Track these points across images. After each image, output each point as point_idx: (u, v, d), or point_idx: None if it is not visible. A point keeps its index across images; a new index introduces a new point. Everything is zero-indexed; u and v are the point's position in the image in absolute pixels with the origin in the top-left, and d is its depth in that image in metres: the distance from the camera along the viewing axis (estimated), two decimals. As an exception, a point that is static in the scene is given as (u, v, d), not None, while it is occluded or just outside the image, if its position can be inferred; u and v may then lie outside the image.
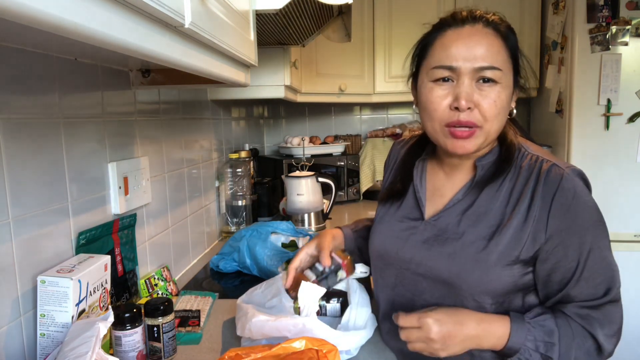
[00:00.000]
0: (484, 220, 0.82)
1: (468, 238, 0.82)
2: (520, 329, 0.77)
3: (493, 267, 0.79)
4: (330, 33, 1.59)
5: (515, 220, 0.79)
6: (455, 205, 0.86)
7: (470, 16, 0.80)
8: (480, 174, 0.85)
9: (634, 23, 2.05)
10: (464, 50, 0.77)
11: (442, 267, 0.83)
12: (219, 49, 0.79)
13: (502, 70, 0.77)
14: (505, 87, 0.79)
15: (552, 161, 0.81)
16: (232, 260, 1.47)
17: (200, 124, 1.70)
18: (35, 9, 0.35)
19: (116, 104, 1.10)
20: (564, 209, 0.76)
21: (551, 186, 0.77)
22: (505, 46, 0.79)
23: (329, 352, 0.70)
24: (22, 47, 0.78)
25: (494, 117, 0.78)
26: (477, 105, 0.77)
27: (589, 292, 0.79)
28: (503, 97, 0.78)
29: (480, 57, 0.77)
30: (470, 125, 0.78)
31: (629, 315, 2.12)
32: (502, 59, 0.78)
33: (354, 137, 2.82)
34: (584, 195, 0.78)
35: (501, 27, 0.80)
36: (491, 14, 0.82)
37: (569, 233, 0.77)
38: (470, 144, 0.79)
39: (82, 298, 0.80)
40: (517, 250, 0.78)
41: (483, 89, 0.77)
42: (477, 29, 0.78)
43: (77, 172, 0.94)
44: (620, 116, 2.09)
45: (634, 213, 2.12)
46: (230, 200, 1.91)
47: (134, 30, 0.51)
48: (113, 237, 1.04)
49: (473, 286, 0.80)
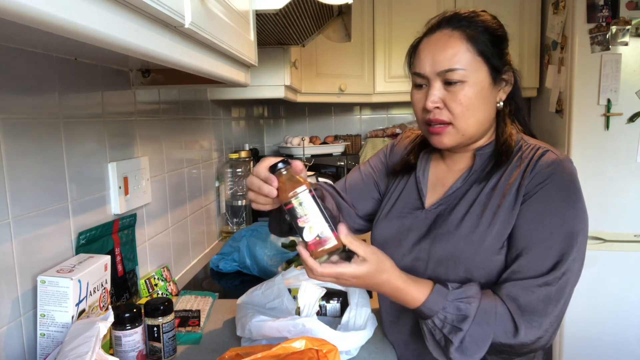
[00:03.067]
0: (479, 202, 0.86)
1: (463, 221, 0.86)
2: (435, 304, 0.78)
3: (485, 247, 0.82)
4: (330, 33, 1.59)
5: (507, 201, 0.83)
6: (455, 192, 0.91)
7: (439, 23, 0.87)
8: (478, 163, 0.90)
9: (634, 23, 2.05)
10: (430, 57, 0.85)
11: (438, 248, 0.87)
12: (219, 49, 0.79)
13: (465, 70, 0.83)
14: (473, 84, 0.83)
15: (548, 148, 0.86)
16: (232, 260, 1.47)
17: (200, 124, 1.70)
18: (35, 9, 0.35)
19: (116, 104, 1.10)
20: (540, 186, 0.80)
21: (540, 166, 0.82)
22: (472, 46, 0.83)
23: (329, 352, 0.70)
24: (22, 47, 0.78)
25: (462, 114, 0.84)
26: (446, 105, 0.85)
27: (529, 267, 0.79)
28: (470, 95, 0.84)
29: (442, 61, 0.84)
30: (440, 123, 0.86)
31: (630, 316, 2.13)
32: (466, 59, 0.83)
33: (354, 137, 2.82)
34: (569, 179, 0.81)
35: (470, 27, 0.84)
36: (467, 12, 0.86)
37: (537, 209, 0.80)
38: (445, 139, 0.87)
39: (82, 298, 0.80)
40: (508, 230, 0.82)
41: (450, 90, 0.84)
42: (443, 34, 0.85)
43: (77, 172, 0.94)
44: (620, 116, 2.09)
45: (634, 213, 2.12)
46: (230, 200, 1.91)
47: (134, 30, 0.51)
48: (113, 237, 1.04)
49: (466, 265, 0.83)
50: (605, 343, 2.14)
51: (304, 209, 0.74)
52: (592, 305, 2.14)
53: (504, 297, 0.79)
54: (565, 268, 0.77)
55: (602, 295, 2.12)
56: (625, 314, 2.13)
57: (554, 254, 0.78)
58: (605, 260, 2.11)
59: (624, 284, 2.12)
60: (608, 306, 2.12)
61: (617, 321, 2.13)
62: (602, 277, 2.10)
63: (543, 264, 0.78)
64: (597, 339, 2.14)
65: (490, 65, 0.85)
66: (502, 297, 0.79)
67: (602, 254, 2.11)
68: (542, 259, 0.78)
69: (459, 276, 0.84)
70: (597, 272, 2.11)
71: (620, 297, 2.12)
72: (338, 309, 1.08)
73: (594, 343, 2.15)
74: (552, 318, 0.77)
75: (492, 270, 0.83)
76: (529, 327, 0.77)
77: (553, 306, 0.77)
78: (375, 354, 0.95)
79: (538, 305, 0.77)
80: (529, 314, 0.77)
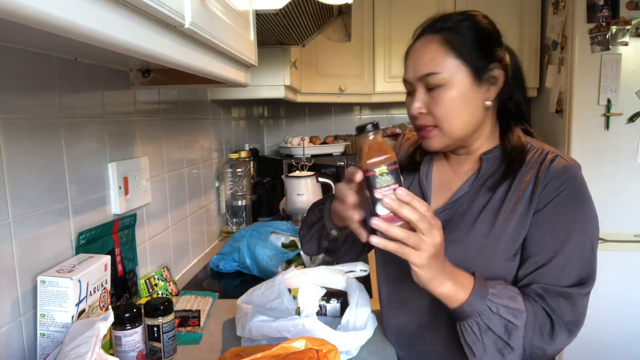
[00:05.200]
0: (490, 209, 0.85)
1: (474, 226, 0.85)
2: (482, 285, 0.77)
3: (498, 253, 0.82)
4: (330, 33, 1.59)
5: (520, 208, 0.82)
6: (462, 197, 0.89)
7: (423, 29, 0.88)
8: (485, 167, 0.89)
9: (634, 23, 2.05)
10: (412, 63, 0.87)
11: (447, 255, 0.83)
12: (219, 49, 0.79)
13: (444, 73, 0.83)
14: (453, 86, 0.83)
15: (557, 153, 0.85)
16: (232, 260, 1.47)
17: (200, 124, 1.70)
18: (35, 9, 0.35)
19: (116, 104, 1.10)
20: (554, 194, 0.80)
21: (551, 174, 0.82)
22: (449, 48, 0.83)
23: (329, 352, 0.70)
24: (22, 47, 0.78)
25: (446, 117, 0.84)
26: (429, 109, 0.85)
27: (555, 278, 0.80)
28: (452, 97, 0.83)
29: (421, 67, 0.85)
30: (426, 127, 0.86)
31: (630, 316, 2.13)
32: (444, 62, 0.83)
33: (354, 137, 2.82)
34: (581, 187, 0.82)
35: (451, 30, 0.84)
36: (454, 14, 0.86)
37: (556, 219, 0.80)
38: (433, 142, 0.87)
39: (82, 298, 0.80)
40: (521, 237, 0.82)
41: (433, 94, 0.84)
42: (424, 40, 0.86)
43: (77, 172, 0.94)
44: (620, 116, 2.09)
45: (634, 213, 2.12)
46: (230, 200, 1.91)
47: (134, 30, 0.51)
48: (113, 237, 1.04)
49: (479, 271, 0.82)
50: (605, 343, 2.14)
51: (384, 181, 0.70)
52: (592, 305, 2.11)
53: (539, 299, 0.80)
54: (593, 280, 0.81)
55: (601, 295, 2.12)
56: (625, 314, 2.13)
57: (578, 265, 0.80)
58: (605, 260, 2.11)
59: (624, 284, 2.11)
60: (608, 306, 2.12)
61: (617, 321, 2.13)
62: (602, 277, 2.08)
63: (570, 274, 0.80)
64: (597, 338, 2.14)
65: (471, 66, 0.83)
66: (537, 300, 0.80)
67: (602, 254, 2.08)
68: (567, 269, 0.80)
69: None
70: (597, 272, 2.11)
71: (620, 297, 2.12)
72: (338, 309, 1.08)
73: (594, 343, 2.14)
74: (580, 327, 0.82)
75: (504, 277, 0.83)
76: (565, 333, 0.79)
77: (582, 315, 0.82)
78: (375, 354, 0.95)
79: (575, 313, 0.80)
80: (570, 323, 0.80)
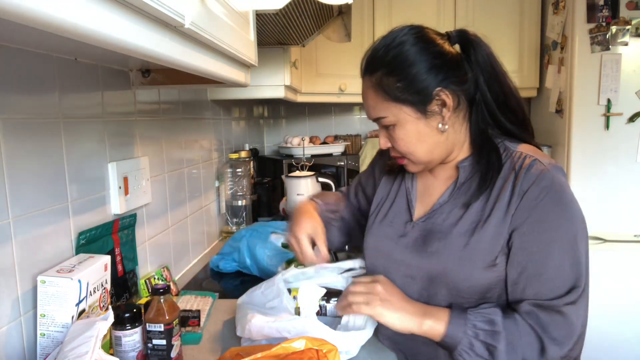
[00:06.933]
0: (467, 218, 0.85)
1: (452, 236, 0.85)
2: (460, 315, 0.79)
3: (477, 263, 0.82)
4: (330, 33, 1.59)
5: (496, 216, 0.81)
6: (442, 207, 0.90)
7: (361, 71, 0.90)
8: (462, 176, 0.89)
9: (634, 23, 2.05)
10: (365, 105, 0.90)
11: (427, 266, 0.86)
12: (219, 49, 0.79)
13: (389, 117, 0.85)
14: (403, 124, 0.85)
15: (534, 157, 0.82)
16: (232, 260, 1.47)
17: (200, 124, 1.70)
18: (35, 9, 0.35)
19: (116, 104, 1.10)
20: (534, 203, 0.78)
21: (529, 180, 0.80)
22: (381, 92, 0.84)
23: (329, 352, 0.70)
24: (22, 47, 0.78)
25: (407, 150, 0.87)
26: (392, 144, 0.89)
27: (548, 290, 0.79)
28: (404, 134, 0.86)
29: (370, 112, 0.89)
30: (396, 157, 0.92)
31: (630, 316, 2.13)
32: (385, 106, 0.85)
33: (354, 137, 2.82)
34: (562, 192, 0.79)
35: (374, 73, 0.85)
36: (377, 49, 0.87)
37: (540, 229, 0.78)
38: (409, 167, 0.92)
39: (82, 298, 0.80)
40: (499, 245, 0.81)
41: (390, 132, 0.88)
42: (364, 83, 0.89)
43: (77, 172, 0.94)
44: (620, 116, 2.09)
45: (634, 213, 2.12)
46: (230, 200, 1.91)
47: (134, 30, 0.51)
48: (113, 237, 1.04)
49: (458, 282, 0.82)
50: (605, 343, 2.14)
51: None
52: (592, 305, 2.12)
53: (526, 317, 0.79)
54: (577, 292, 0.79)
55: (602, 295, 2.12)
56: (625, 314, 2.13)
57: (568, 274, 0.79)
58: (605, 260, 2.11)
59: (624, 284, 2.12)
60: (608, 306, 2.12)
61: (617, 321, 2.13)
62: (602, 277, 2.10)
63: (560, 284, 0.79)
64: (597, 338, 2.14)
65: (410, 104, 0.83)
66: (525, 318, 0.79)
67: (602, 254, 2.11)
68: (553, 287, 0.79)
69: (450, 292, 0.84)
70: (597, 272, 2.10)
71: (620, 297, 2.12)
72: (338, 309, 1.07)
73: (594, 343, 2.14)
74: (576, 336, 0.79)
75: (483, 287, 0.82)
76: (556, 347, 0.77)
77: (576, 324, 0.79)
78: (375, 354, 0.95)
79: (567, 324, 0.78)
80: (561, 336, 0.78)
